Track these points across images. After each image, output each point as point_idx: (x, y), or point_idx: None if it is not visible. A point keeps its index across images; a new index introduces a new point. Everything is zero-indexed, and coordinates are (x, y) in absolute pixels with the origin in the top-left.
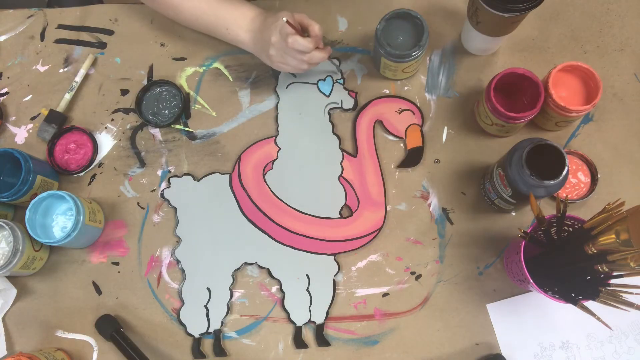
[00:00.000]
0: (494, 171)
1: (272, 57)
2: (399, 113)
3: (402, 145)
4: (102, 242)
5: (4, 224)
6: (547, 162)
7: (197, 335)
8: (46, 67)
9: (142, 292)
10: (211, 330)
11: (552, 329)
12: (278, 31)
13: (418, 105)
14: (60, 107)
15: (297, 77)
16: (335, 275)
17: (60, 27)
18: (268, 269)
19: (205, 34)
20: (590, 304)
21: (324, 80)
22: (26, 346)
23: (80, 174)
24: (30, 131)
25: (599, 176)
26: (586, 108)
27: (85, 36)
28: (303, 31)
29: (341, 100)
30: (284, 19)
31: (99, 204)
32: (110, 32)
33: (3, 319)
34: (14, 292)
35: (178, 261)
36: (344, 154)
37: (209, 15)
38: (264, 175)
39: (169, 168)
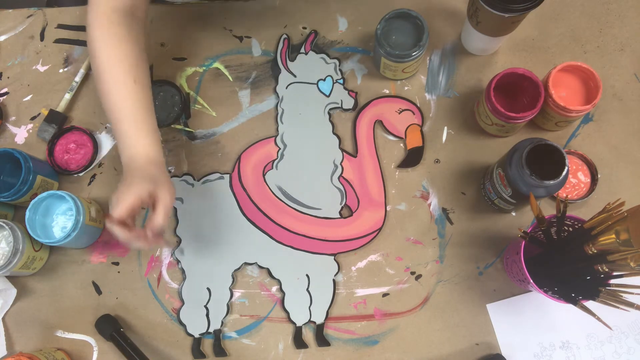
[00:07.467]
0: (494, 171)
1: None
2: (399, 113)
3: (402, 145)
4: (102, 242)
5: (4, 224)
6: (547, 162)
7: (197, 335)
8: (46, 67)
9: (142, 292)
10: (211, 330)
11: (552, 329)
12: (112, 199)
13: (418, 105)
14: (60, 107)
15: (297, 77)
16: (335, 275)
17: (60, 26)
18: (268, 269)
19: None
20: (590, 304)
21: (324, 80)
22: (26, 346)
23: (80, 174)
24: (30, 131)
25: (599, 176)
26: (586, 108)
27: (85, 36)
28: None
29: (341, 100)
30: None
31: (99, 204)
32: None
33: (3, 319)
34: (14, 292)
35: (178, 261)
36: (344, 154)
37: (115, 116)
38: (264, 175)
39: (169, 168)
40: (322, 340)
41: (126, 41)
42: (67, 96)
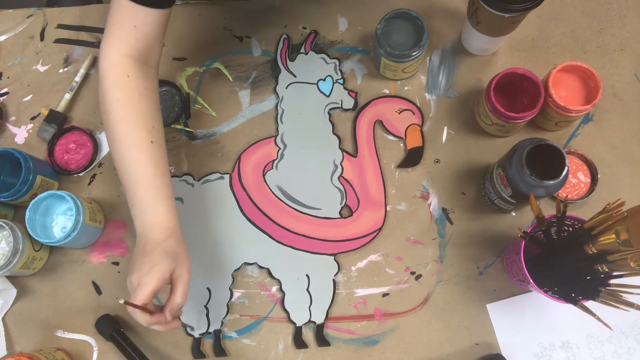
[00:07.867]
0: (494, 171)
1: (130, 276)
2: (399, 113)
3: (402, 145)
4: (102, 242)
5: (4, 224)
6: (547, 162)
7: (197, 335)
8: (46, 67)
9: None
10: (211, 330)
11: (552, 329)
12: (132, 279)
13: (418, 105)
14: (60, 107)
15: (297, 77)
16: (335, 275)
17: (60, 26)
18: (268, 269)
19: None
20: (590, 304)
21: (324, 80)
22: (26, 346)
23: (80, 174)
24: (30, 131)
25: (599, 176)
26: (586, 108)
27: (85, 36)
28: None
29: (341, 100)
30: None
31: (99, 204)
32: None
33: (3, 319)
34: (14, 292)
35: None
36: (344, 154)
37: (131, 178)
38: (264, 175)
39: (169, 168)
40: (322, 340)
41: (143, 98)
42: (67, 96)
